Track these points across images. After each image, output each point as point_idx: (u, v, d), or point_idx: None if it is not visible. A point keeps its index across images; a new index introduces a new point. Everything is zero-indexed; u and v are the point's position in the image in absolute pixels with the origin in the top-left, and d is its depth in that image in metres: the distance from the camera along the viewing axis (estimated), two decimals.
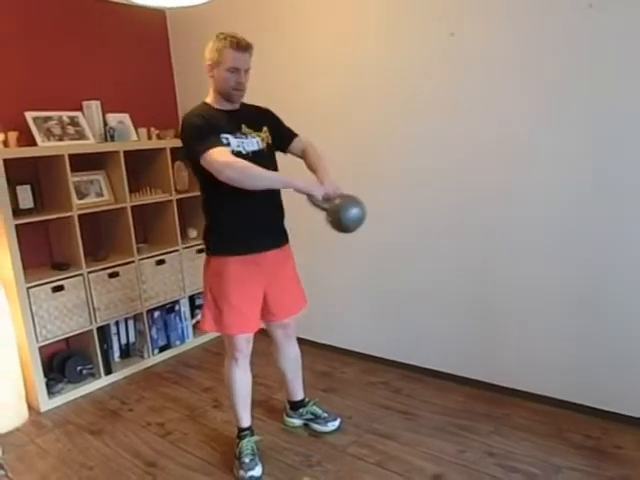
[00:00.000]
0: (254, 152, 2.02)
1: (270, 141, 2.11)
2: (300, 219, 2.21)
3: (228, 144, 1.95)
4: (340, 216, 1.86)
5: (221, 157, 1.85)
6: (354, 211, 1.88)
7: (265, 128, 2.11)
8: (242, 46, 1.93)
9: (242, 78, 1.97)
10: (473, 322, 2.61)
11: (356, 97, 2.80)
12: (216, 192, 1.99)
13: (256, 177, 1.87)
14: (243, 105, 2.09)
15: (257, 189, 1.89)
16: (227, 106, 2.03)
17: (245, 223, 2.02)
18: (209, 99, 2.05)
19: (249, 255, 2.03)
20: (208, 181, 1.95)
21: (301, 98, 2.99)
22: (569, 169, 2.20)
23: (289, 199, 2.13)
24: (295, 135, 2.20)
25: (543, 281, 2.36)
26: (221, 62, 1.93)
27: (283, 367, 2.37)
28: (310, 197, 1.92)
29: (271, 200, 2.10)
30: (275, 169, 2.12)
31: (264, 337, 2.31)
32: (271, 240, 2.11)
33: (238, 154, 1.95)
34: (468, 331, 2.63)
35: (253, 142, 2.03)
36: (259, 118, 2.12)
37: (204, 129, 1.91)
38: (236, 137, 1.98)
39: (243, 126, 2.03)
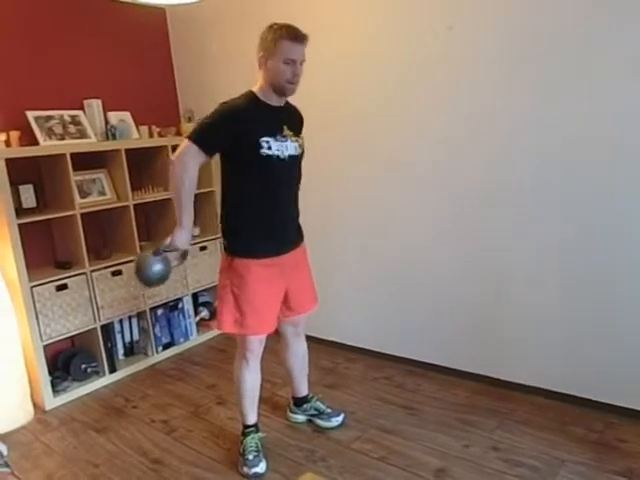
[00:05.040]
0: (291, 156, 1.99)
1: (304, 150, 2.08)
2: (306, 217, 2.21)
3: (269, 147, 1.91)
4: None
5: (186, 154, 1.87)
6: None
7: (302, 135, 2.09)
8: (299, 37, 1.88)
9: (298, 70, 1.91)
10: (476, 317, 2.60)
11: (354, 89, 2.79)
12: (241, 192, 1.98)
13: (176, 195, 1.97)
14: (287, 103, 2.05)
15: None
16: (274, 101, 1.98)
17: (268, 226, 2.01)
18: (257, 88, 1.98)
19: (272, 258, 2.02)
20: (233, 180, 1.95)
21: (302, 93, 2.98)
22: (568, 151, 2.20)
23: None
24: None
25: (547, 276, 2.35)
26: (276, 54, 1.87)
27: (291, 364, 2.37)
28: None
29: (292, 202, 2.09)
30: (300, 178, 2.10)
31: (272, 335, 2.30)
32: (291, 241, 2.11)
33: (277, 159, 1.93)
34: (471, 326, 2.63)
35: (292, 146, 2.00)
36: (298, 123, 2.10)
37: (218, 125, 1.89)
38: (277, 140, 1.94)
39: (285, 127, 1.99)
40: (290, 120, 2.04)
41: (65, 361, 2.98)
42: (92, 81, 3.23)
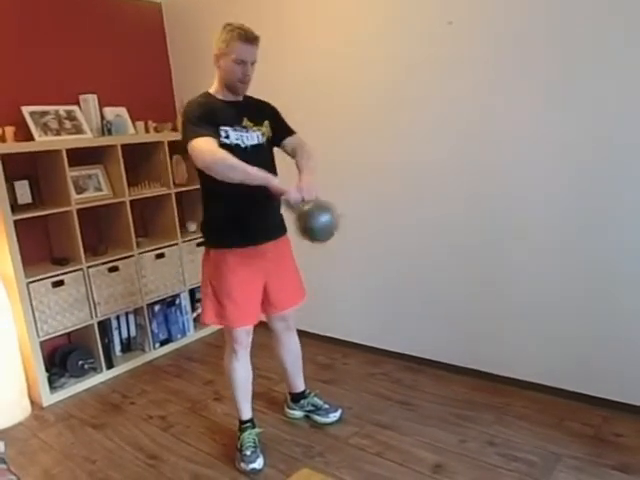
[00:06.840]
0: (253, 146, 2.02)
1: (270, 135, 2.11)
2: None
3: (227, 137, 1.95)
4: (306, 223, 1.75)
5: (206, 145, 1.84)
6: (322, 219, 1.75)
7: (266, 122, 2.10)
8: (250, 38, 1.93)
9: (248, 70, 1.97)
10: (473, 313, 2.60)
11: (354, 85, 2.78)
12: (214, 185, 1.97)
13: (235, 169, 1.81)
14: (246, 97, 2.08)
15: (233, 181, 1.83)
16: (230, 97, 2.03)
17: (242, 216, 2.02)
18: (212, 89, 2.05)
19: (247, 248, 2.04)
20: (203, 173, 1.94)
21: (300, 88, 2.97)
22: (569, 150, 2.20)
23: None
24: (292, 132, 2.17)
25: (543, 271, 2.35)
26: (228, 53, 1.93)
27: (284, 359, 2.38)
28: (285, 200, 1.83)
29: (268, 193, 2.09)
30: (273, 164, 2.12)
31: (265, 329, 2.31)
32: (268, 232, 2.11)
33: (236, 147, 1.95)
34: (468, 321, 2.63)
35: (253, 136, 2.03)
36: (261, 112, 2.12)
37: (201, 117, 1.91)
38: (235, 130, 1.98)
39: (245, 119, 2.03)
40: (251, 112, 2.06)
41: (62, 357, 2.98)
42: (88, 76, 3.21)
